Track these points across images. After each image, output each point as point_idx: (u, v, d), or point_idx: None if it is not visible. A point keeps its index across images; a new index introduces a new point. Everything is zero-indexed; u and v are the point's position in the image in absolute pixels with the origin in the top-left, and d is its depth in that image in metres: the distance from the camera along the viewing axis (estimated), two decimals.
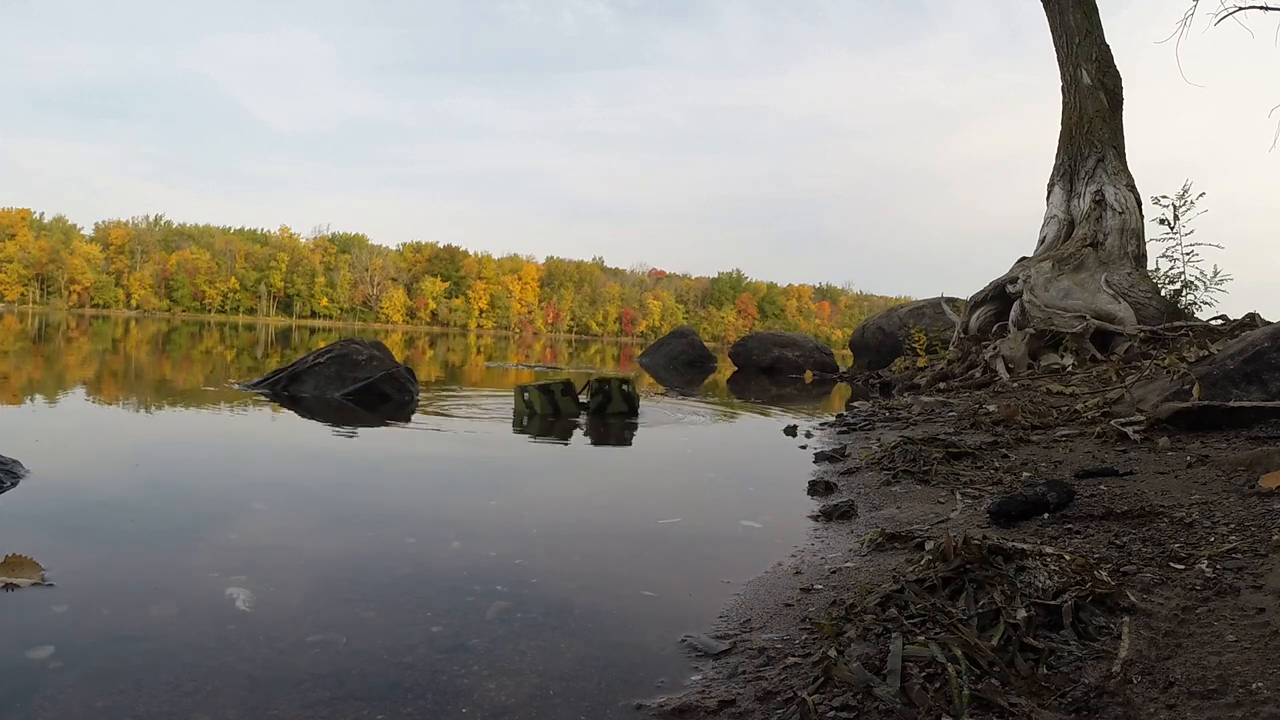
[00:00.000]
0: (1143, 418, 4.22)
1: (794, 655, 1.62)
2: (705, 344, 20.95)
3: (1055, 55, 11.51)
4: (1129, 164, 10.92)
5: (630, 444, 4.99)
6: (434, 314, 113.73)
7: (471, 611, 1.90)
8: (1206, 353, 6.03)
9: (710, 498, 3.56)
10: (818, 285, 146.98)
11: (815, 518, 2.98)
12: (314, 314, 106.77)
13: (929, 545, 2.11)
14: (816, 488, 3.55)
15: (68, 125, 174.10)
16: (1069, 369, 8.14)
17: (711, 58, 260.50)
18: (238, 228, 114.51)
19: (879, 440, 4.85)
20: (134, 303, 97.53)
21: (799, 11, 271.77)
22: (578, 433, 5.30)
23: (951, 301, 14.55)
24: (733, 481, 3.85)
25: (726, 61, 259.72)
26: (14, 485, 2.84)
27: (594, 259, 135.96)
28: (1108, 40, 11.25)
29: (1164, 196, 9.99)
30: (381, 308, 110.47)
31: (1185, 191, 9.80)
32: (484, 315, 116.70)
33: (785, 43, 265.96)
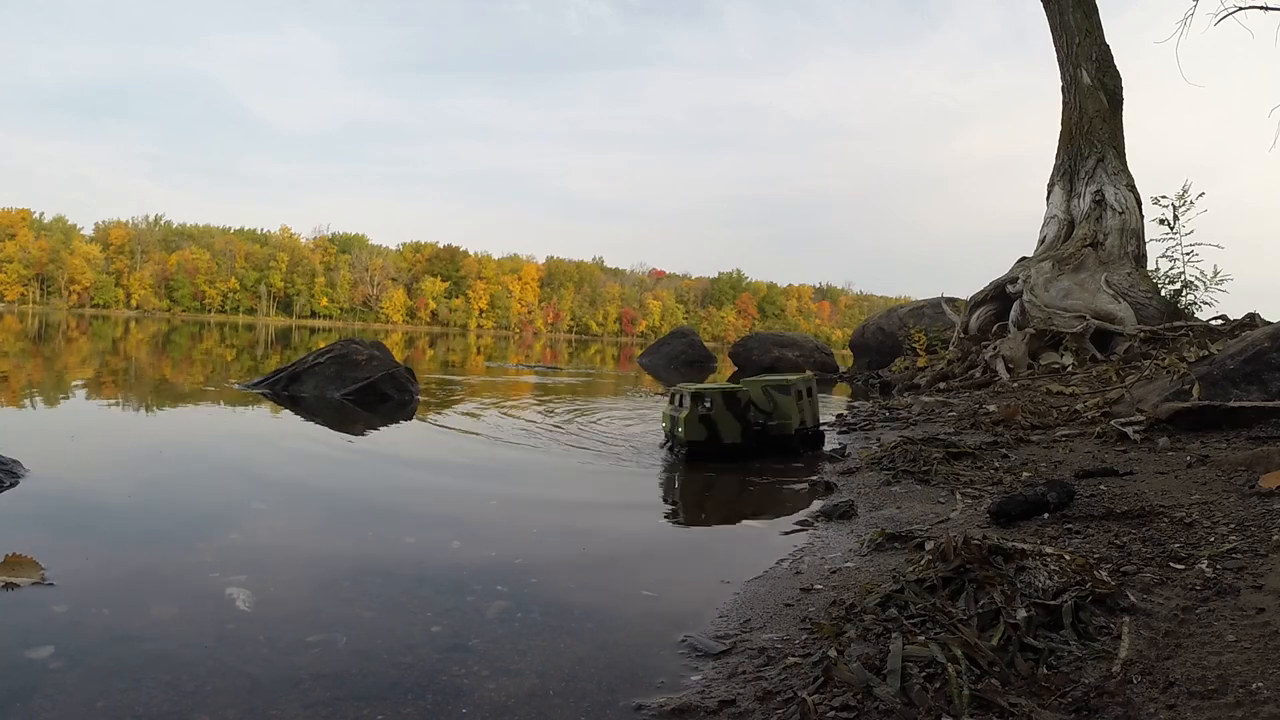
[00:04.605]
0: (1143, 418, 4.22)
1: (794, 655, 1.62)
2: (705, 344, 21.00)
3: (1056, 55, 11.52)
4: (1129, 164, 10.92)
5: (619, 441, 4.99)
6: (434, 314, 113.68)
7: (471, 611, 1.90)
8: (1206, 353, 6.03)
9: (710, 497, 3.56)
10: (818, 285, 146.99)
11: (815, 518, 2.98)
12: (314, 314, 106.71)
13: (929, 545, 2.11)
14: (816, 488, 3.55)
15: (68, 125, 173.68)
16: (1069, 369, 8.14)
17: (714, 57, 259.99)
18: (238, 228, 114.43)
19: (879, 440, 4.84)
20: (134, 303, 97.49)
21: (803, 12, 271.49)
22: (561, 426, 5.29)
23: (951, 301, 14.55)
24: (732, 480, 3.84)
25: (730, 61, 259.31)
26: (14, 485, 2.85)
27: (594, 259, 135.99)
28: (1108, 40, 11.25)
29: (1164, 196, 9.98)
30: (381, 308, 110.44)
31: (1185, 191, 9.79)
32: (484, 315, 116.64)
33: (789, 43, 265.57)
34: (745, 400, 4.39)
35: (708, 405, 4.25)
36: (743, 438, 4.32)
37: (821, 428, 4.79)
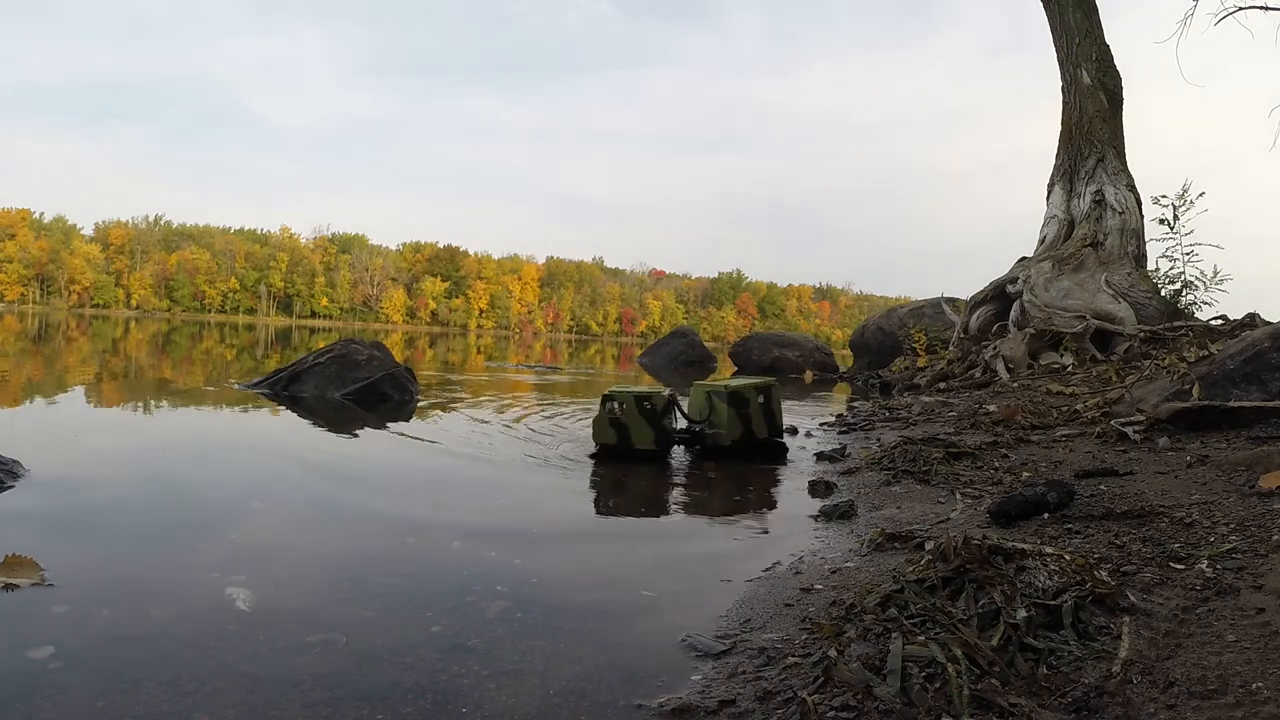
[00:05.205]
0: (1143, 418, 4.22)
1: (794, 655, 1.62)
2: (705, 344, 21.00)
3: (1056, 55, 11.52)
4: (1129, 164, 10.92)
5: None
6: (434, 314, 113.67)
7: (472, 611, 1.90)
8: (1206, 353, 6.03)
9: (710, 497, 3.56)
10: (818, 285, 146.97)
11: (815, 518, 2.98)
12: (314, 314, 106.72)
13: (929, 545, 2.11)
14: (816, 488, 3.55)
15: (68, 125, 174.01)
16: (1069, 369, 8.14)
17: (716, 57, 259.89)
18: (238, 228, 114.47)
19: (879, 440, 4.85)
20: (134, 303, 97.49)
21: (804, 11, 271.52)
22: (556, 430, 5.29)
23: (951, 301, 14.55)
24: (732, 481, 3.85)
25: (731, 61, 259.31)
26: (14, 485, 2.85)
27: (594, 259, 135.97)
28: (1108, 40, 11.25)
29: (1164, 196, 9.96)
30: (381, 308, 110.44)
31: (1185, 191, 9.78)
32: (484, 315, 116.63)
33: (790, 42, 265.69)
34: (661, 405, 4.14)
35: (619, 409, 4.09)
36: (656, 444, 4.10)
37: (784, 439, 4.57)
